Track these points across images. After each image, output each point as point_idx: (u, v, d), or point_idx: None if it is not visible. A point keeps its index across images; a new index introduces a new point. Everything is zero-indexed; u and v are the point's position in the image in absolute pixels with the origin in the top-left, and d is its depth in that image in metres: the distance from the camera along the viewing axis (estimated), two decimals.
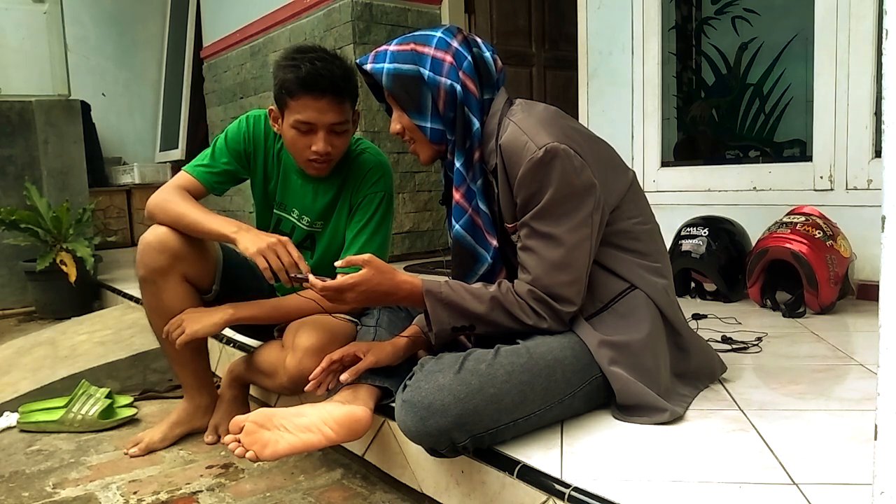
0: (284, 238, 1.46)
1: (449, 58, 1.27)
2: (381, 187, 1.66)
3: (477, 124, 1.28)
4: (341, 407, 1.31)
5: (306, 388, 1.38)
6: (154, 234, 1.58)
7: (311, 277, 1.26)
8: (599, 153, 1.29)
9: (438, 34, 1.30)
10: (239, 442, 1.21)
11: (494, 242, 1.31)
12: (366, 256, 1.24)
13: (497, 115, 1.29)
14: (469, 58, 1.28)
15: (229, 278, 1.69)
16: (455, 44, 1.28)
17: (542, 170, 1.19)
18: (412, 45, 1.29)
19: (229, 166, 1.66)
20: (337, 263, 1.25)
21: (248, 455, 1.20)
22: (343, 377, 1.34)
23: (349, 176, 1.67)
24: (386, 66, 1.28)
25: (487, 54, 1.31)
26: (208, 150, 1.68)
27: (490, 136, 1.28)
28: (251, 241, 1.44)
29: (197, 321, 1.55)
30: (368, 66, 1.30)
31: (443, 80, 1.26)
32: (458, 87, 1.26)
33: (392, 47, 1.30)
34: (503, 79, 1.34)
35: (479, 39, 1.33)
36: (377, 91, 1.39)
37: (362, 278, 1.22)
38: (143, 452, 1.67)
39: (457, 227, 1.32)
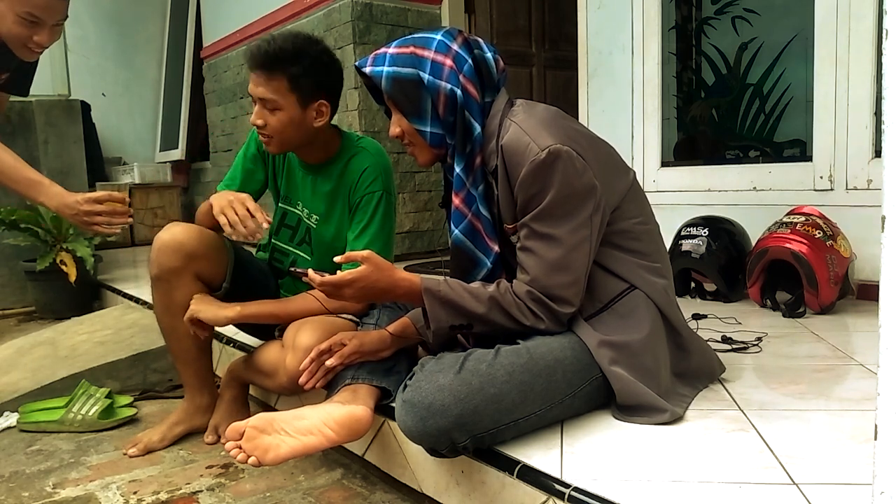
0: (242, 195, 1.52)
1: (449, 61, 1.26)
2: (379, 186, 1.65)
3: (478, 129, 1.27)
4: (341, 408, 1.31)
5: (299, 382, 1.39)
6: (170, 234, 1.59)
7: (311, 272, 1.26)
8: (600, 154, 1.28)
9: (438, 37, 1.29)
10: (240, 448, 1.21)
11: (496, 248, 1.31)
12: (365, 253, 1.24)
13: (498, 115, 1.29)
14: (469, 61, 1.27)
15: (239, 276, 1.70)
16: (455, 47, 1.28)
17: (545, 171, 1.19)
18: (412, 49, 1.28)
19: (248, 168, 1.77)
20: (336, 259, 1.26)
21: (250, 461, 1.20)
22: (329, 362, 1.36)
23: (346, 174, 1.67)
24: (385, 69, 1.28)
25: (489, 55, 1.30)
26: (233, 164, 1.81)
27: (491, 137, 1.28)
28: (216, 201, 1.53)
29: (208, 309, 1.58)
30: (367, 69, 1.30)
31: (443, 84, 1.25)
32: (459, 92, 1.25)
33: (391, 50, 1.30)
34: (504, 79, 1.34)
35: (480, 40, 1.32)
36: (376, 93, 1.38)
37: (361, 274, 1.22)
38: (141, 452, 1.67)
39: (456, 232, 1.32)
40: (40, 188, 1.69)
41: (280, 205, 1.79)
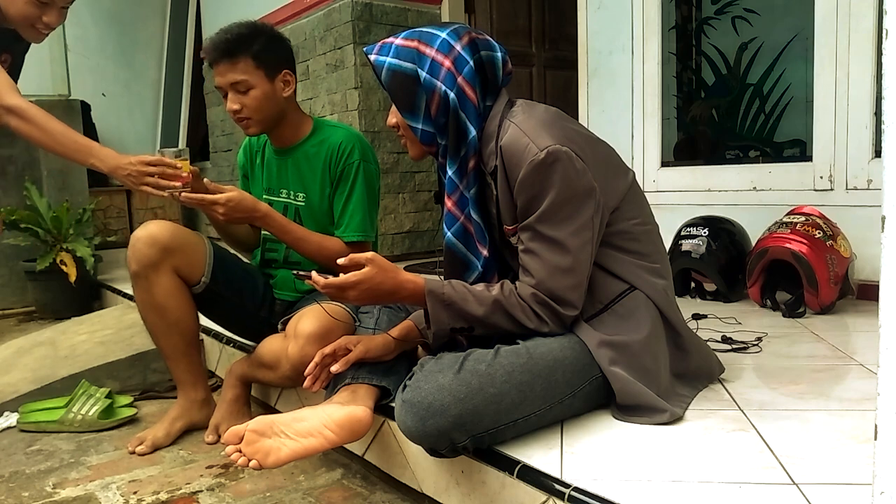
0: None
1: (448, 62, 1.25)
2: (356, 156, 1.73)
3: (473, 132, 1.26)
4: (341, 409, 1.31)
5: (304, 386, 1.39)
6: (144, 230, 1.64)
7: (314, 274, 1.26)
8: (600, 155, 1.28)
9: (444, 35, 1.27)
10: (241, 452, 1.21)
11: (485, 252, 1.31)
12: (369, 255, 1.24)
13: (497, 116, 1.28)
14: (471, 63, 1.26)
15: (219, 271, 1.72)
16: (458, 47, 1.26)
17: (544, 172, 1.18)
18: (416, 43, 1.28)
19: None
20: (340, 261, 1.26)
21: (251, 465, 1.20)
22: (333, 368, 1.35)
23: (322, 148, 1.74)
24: (388, 60, 1.28)
25: (498, 55, 1.30)
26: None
27: (490, 138, 1.27)
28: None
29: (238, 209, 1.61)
30: (372, 57, 1.30)
31: (438, 84, 1.25)
32: (452, 95, 1.24)
33: (398, 41, 1.29)
34: (508, 81, 1.33)
35: (490, 40, 1.31)
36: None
37: (365, 276, 1.22)
38: (150, 450, 1.67)
39: (448, 234, 1.32)
40: (91, 150, 1.72)
41: (265, 197, 1.83)
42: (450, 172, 1.28)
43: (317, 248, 1.69)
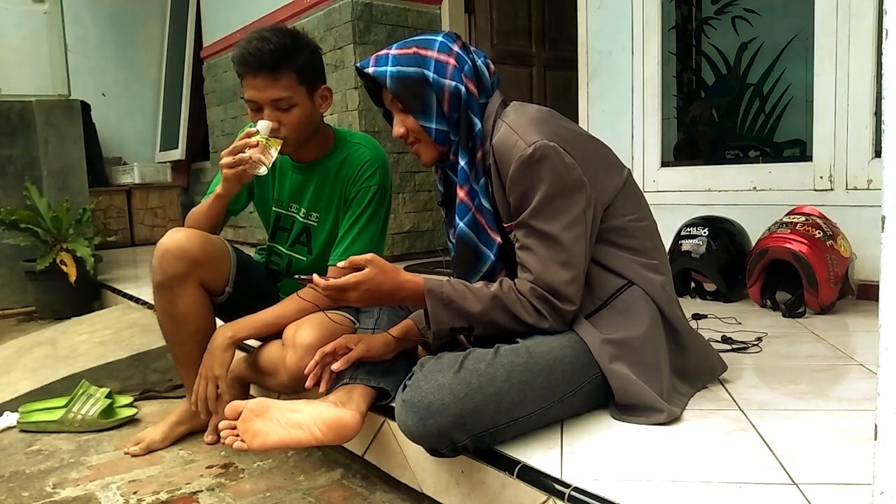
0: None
1: (452, 61, 1.30)
2: (376, 181, 1.65)
3: (479, 125, 1.30)
4: (332, 409, 1.31)
5: (306, 385, 1.39)
6: (173, 240, 1.56)
7: (315, 277, 1.26)
8: (591, 152, 1.30)
9: (440, 38, 1.33)
10: (233, 429, 1.24)
11: (498, 238, 1.32)
12: (368, 256, 1.24)
13: (492, 116, 1.32)
14: (469, 62, 1.32)
15: (241, 281, 1.69)
16: (456, 48, 1.32)
17: (532, 167, 1.21)
18: (415, 49, 1.31)
19: None
20: (340, 264, 1.26)
21: (235, 445, 1.23)
22: (334, 366, 1.36)
23: (342, 169, 1.67)
24: (389, 69, 1.30)
25: (480, 61, 1.35)
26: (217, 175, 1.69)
27: (485, 138, 1.30)
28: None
29: (221, 379, 1.57)
30: (370, 70, 1.31)
31: (447, 82, 1.28)
32: (463, 89, 1.29)
33: (394, 51, 1.32)
34: (497, 83, 1.37)
35: (470, 47, 1.37)
36: (374, 95, 1.41)
37: (365, 277, 1.23)
38: (143, 452, 1.67)
39: (461, 224, 1.33)
40: None
41: (274, 209, 1.78)
42: (462, 164, 1.31)
43: (297, 310, 1.60)
